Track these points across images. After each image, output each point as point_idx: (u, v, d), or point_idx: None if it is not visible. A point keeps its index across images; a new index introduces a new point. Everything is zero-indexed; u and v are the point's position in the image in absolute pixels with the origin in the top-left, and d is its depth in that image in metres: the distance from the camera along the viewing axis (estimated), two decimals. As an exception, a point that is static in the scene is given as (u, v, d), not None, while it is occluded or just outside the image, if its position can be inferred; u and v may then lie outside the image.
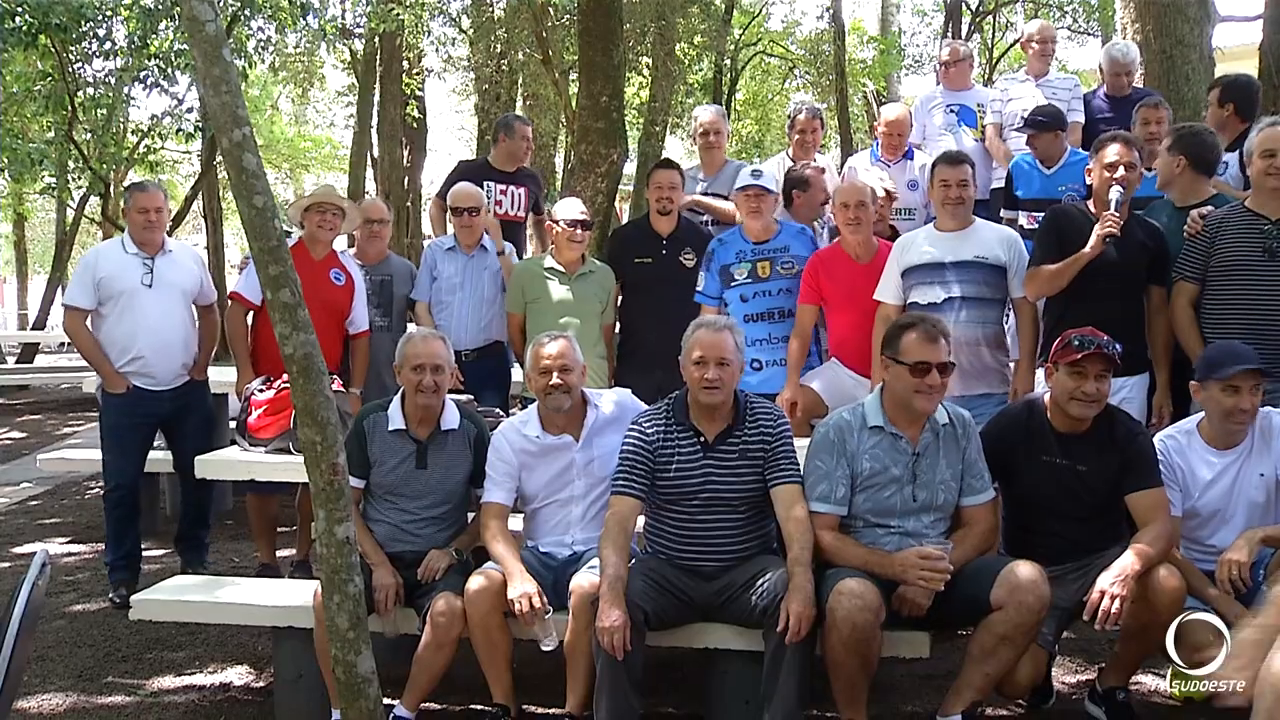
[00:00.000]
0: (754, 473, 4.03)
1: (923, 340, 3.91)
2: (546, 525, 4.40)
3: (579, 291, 5.91)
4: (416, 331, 4.77)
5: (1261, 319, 4.61)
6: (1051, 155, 6.27)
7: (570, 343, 4.37)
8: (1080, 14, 23.35)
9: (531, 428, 4.35)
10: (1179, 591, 3.74)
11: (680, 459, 4.04)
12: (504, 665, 4.09)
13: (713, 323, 4.18)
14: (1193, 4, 8.28)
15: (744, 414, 4.09)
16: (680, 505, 4.07)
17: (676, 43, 17.65)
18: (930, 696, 4.21)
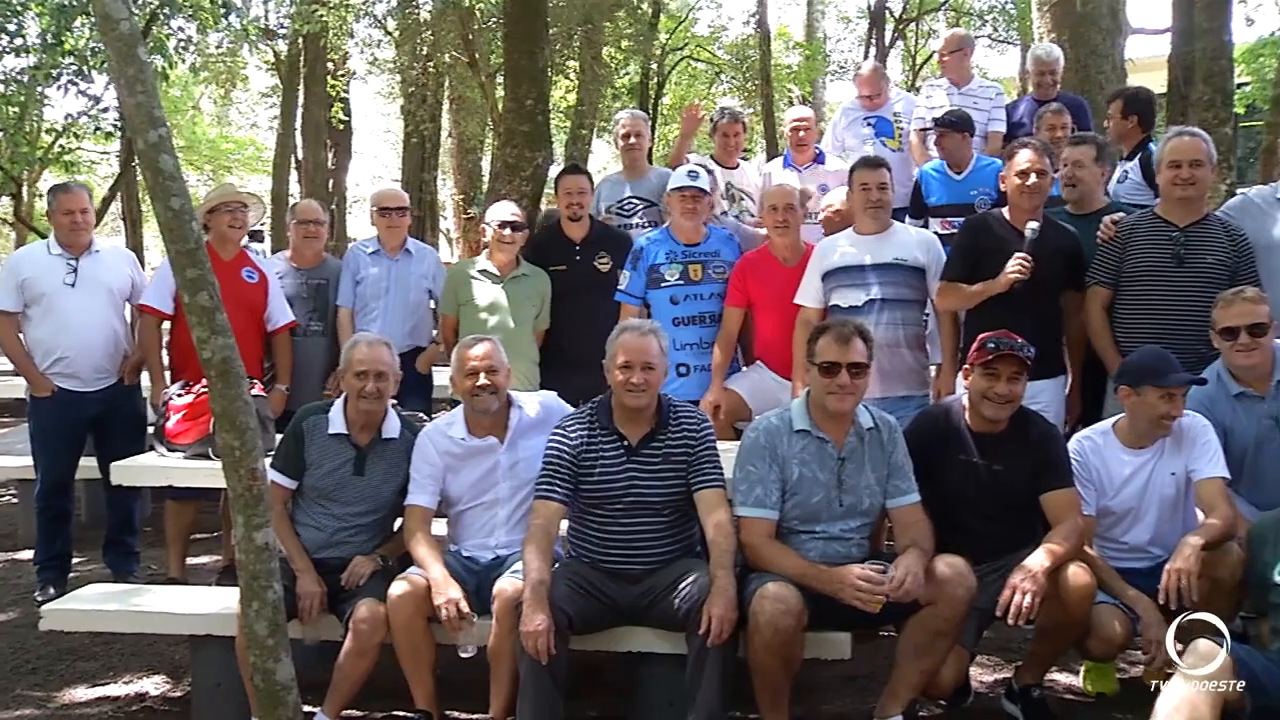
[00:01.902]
0: (677, 476, 4.04)
1: (833, 341, 3.96)
2: (471, 529, 4.38)
3: (512, 294, 5.87)
4: (362, 336, 4.71)
5: (1171, 324, 4.71)
6: (960, 158, 6.38)
7: (495, 345, 4.36)
8: (1000, 23, 23.75)
9: (457, 430, 4.33)
10: (1090, 588, 3.83)
11: (604, 463, 4.04)
12: (427, 671, 4.06)
13: (638, 326, 4.18)
14: (1105, 15, 8.51)
15: (667, 418, 4.10)
16: (604, 509, 4.07)
17: (603, 46, 17.67)
18: (853, 697, 4.25)
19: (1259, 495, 4.23)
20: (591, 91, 17.50)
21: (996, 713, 4.15)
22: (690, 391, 5.39)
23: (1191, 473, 4.15)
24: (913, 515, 4.00)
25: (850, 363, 3.93)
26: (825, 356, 3.95)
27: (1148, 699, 4.09)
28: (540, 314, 5.94)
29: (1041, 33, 8.90)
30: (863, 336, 4.00)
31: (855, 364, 3.94)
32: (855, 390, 3.96)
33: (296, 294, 6.15)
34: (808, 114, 7.06)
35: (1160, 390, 4.10)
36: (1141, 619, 3.93)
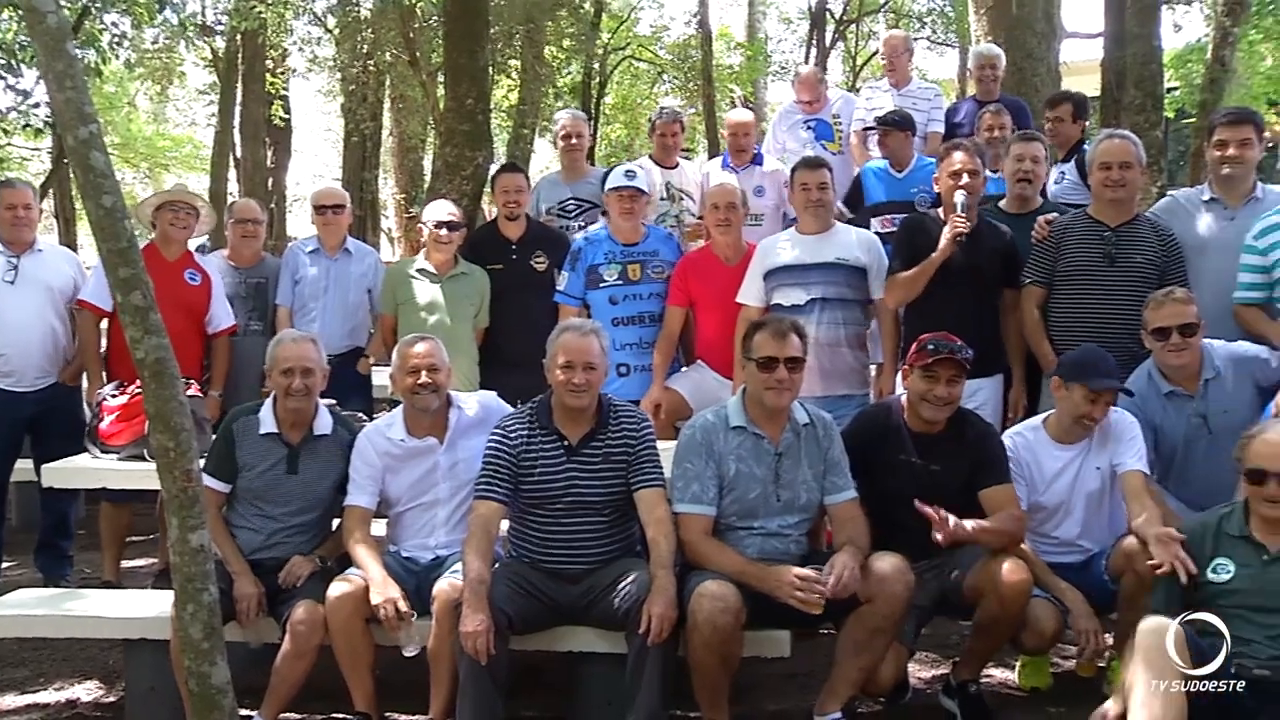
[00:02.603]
0: (617, 476, 4.05)
1: (769, 336, 3.98)
2: (410, 529, 4.36)
3: (450, 293, 5.85)
4: (286, 334, 4.67)
5: (1103, 323, 4.80)
6: (902, 157, 6.43)
7: (437, 343, 4.35)
8: (939, 25, 23.99)
9: (396, 430, 4.31)
10: (1026, 583, 3.88)
11: (544, 462, 4.04)
12: (366, 672, 4.04)
13: (579, 326, 4.18)
14: (1040, 19, 8.65)
15: (607, 417, 4.10)
16: (544, 508, 4.06)
17: (545, 46, 17.58)
18: (793, 695, 4.28)
19: (1187, 492, 4.32)
20: (533, 91, 17.43)
21: (934, 709, 4.19)
22: (631, 391, 5.40)
23: (1116, 466, 4.23)
24: (849, 511, 4.03)
25: (787, 358, 3.95)
26: (762, 351, 3.97)
27: (1080, 691, 4.22)
28: (479, 313, 5.93)
29: (979, 35, 9.04)
30: (798, 333, 4.03)
31: (792, 359, 3.96)
32: (792, 386, 3.98)
33: (235, 293, 6.09)
34: (746, 118, 7.09)
35: (1088, 391, 4.18)
36: (1071, 612, 4.01)
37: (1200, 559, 3.64)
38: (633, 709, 3.73)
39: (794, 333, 4.02)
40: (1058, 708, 4.20)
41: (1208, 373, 4.45)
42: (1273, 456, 3.54)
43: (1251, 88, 20.90)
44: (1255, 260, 4.71)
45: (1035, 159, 5.39)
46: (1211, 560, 3.64)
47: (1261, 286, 4.70)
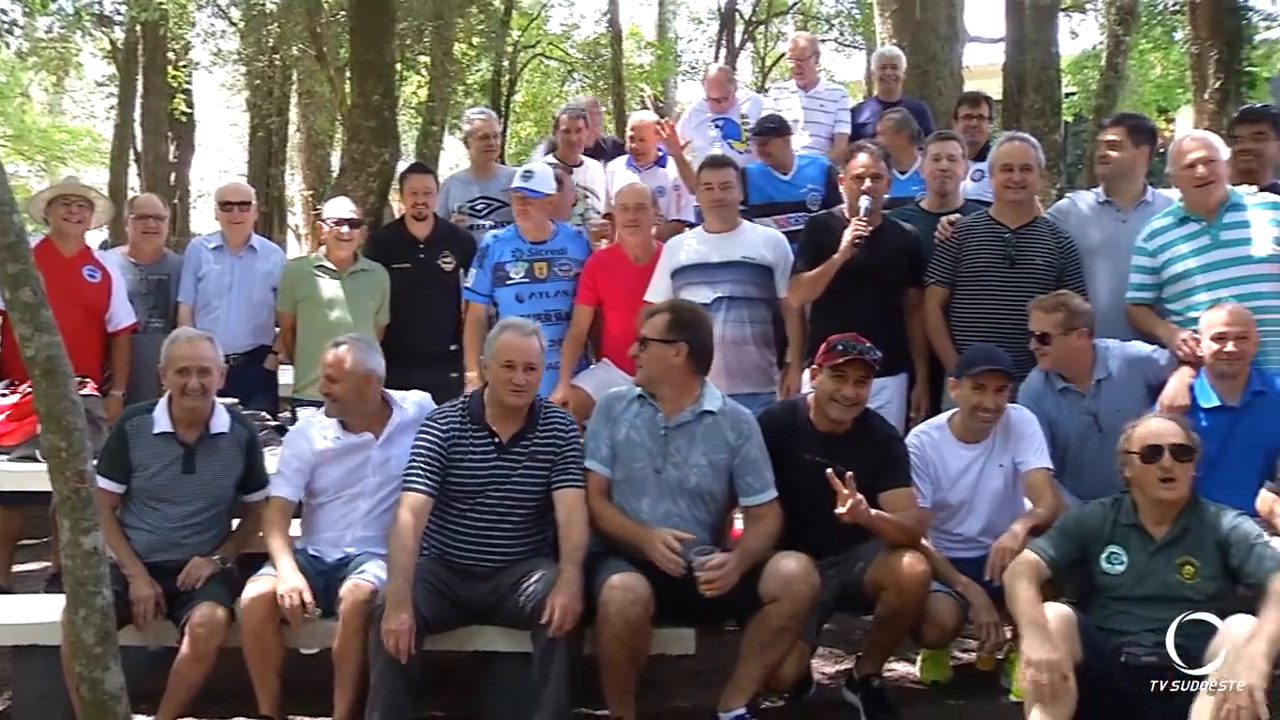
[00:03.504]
0: (541, 476, 4.06)
1: (645, 318, 4.16)
2: (326, 522, 4.32)
3: (350, 290, 5.81)
4: (181, 332, 4.59)
5: (1003, 322, 4.89)
6: (784, 161, 6.47)
7: (349, 349, 4.29)
8: (846, 27, 24.30)
9: (332, 427, 4.29)
10: (925, 577, 3.95)
11: (472, 457, 4.04)
12: (275, 675, 3.98)
13: (520, 326, 4.18)
14: (943, 23, 8.82)
15: (538, 418, 4.12)
16: (465, 503, 4.06)
17: (454, 43, 17.47)
18: (699, 692, 4.30)
19: (1081, 486, 4.42)
20: (443, 88, 17.29)
21: (838, 703, 4.23)
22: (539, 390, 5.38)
23: (1019, 464, 4.33)
24: (759, 513, 4.08)
25: (643, 338, 4.11)
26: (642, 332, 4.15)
27: (979, 683, 4.30)
28: (380, 310, 5.88)
29: (884, 38, 9.18)
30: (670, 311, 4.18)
31: (643, 338, 4.11)
32: (645, 364, 4.12)
33: (136, 290, 5.96)
34: (648, 120, 7.09)
35: (970, 381, 4.28)
36: (972, 606, 4.09)
37: (1097, 546, 3.76)
38: (539, 707, 3.72)
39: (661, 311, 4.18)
40: (957, 700, 4.27)
41: (1100, 373, 4.57)
42: (1163, 433, 3.68)
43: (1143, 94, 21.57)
44: (1145, 261, 4.83)
45: (952, 158, 5.50)
46: (1106, 547, 3.75)
47: (1151, 287, 4.82)
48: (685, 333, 4.09)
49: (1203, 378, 4.44)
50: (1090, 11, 20.02)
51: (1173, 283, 4.76)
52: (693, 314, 4.20)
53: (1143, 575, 3.67)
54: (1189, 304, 4.68)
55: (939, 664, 4.46)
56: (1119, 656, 3.57)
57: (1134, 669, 3.53)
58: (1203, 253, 4.69)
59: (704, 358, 4.15)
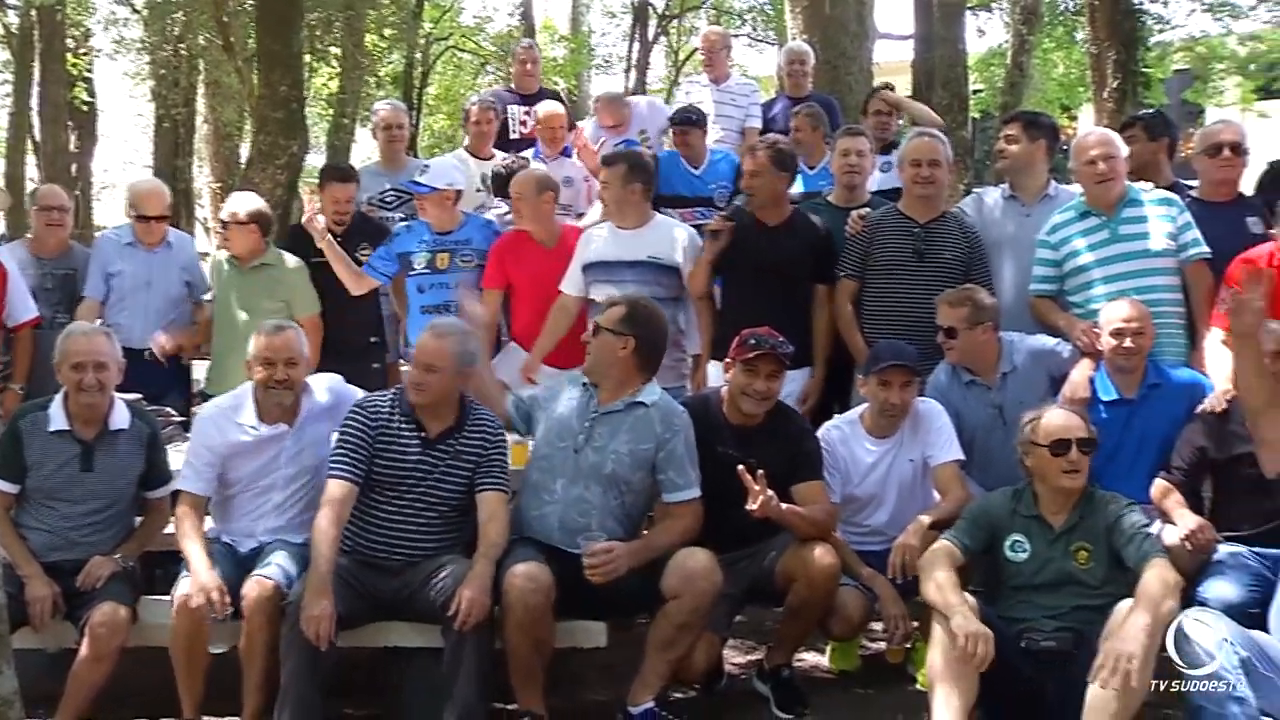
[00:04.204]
0: (464, 475, 4.05)
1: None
2: (238, 513, 4.26)
3: (249, 285, 5.75)
4: (76, 327, 4.47)
5: (912, 316, 4.95)
6: (699, 154, 6.50)
7: (293, 335, 4.23)
8: (759, 22, 24.44)
9: (247, 416, 4.20)
10: (835, 569, 4.00)
11: (398, 449, 4.01)
12: (201, 677, 3.90)
13: (434, 326, 4.18)
14: (853, 20, 8.90)
15: (467, 417, 4.10)
16: (385, 495, 4.02)
17: (365, 34, 17.25)
18: (612, 685, 4.29)
19: (987, 477, 4.48)
20: (354, 80, 17.08)
21: (749, 694, 4.26)
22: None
23: (928, 458, 4.39)
24: (676, 510, 4.10)
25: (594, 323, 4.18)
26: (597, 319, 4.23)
27: (886, 673, 4.36)
28: (295, 302, 5.78)
29: (794, 34, 9.25)
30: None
31: (597, 325, 4.16)
32: (591, 353, 4.16)
33: (40, 285, 5.77)
34: (557, 111, 7.08)
35: (876, 377, 4.34)
36: (880, 598, 4.15)
37: (1002, 534, 3.86)
38: (450, 703, 3.71)
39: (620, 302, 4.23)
40: (866, 689, 4.33)
41: (1005, 366, 4.65)
42: (1070, 427, 3.80)
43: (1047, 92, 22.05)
44: (1048, 255, 4.93)
45: (861, 153, 5.55)
46: (1010, 536, 3.85)
47: (1053, 279, 4.93)
48: (637, 328, 4.11)
49: (1102, 371, 4.54)
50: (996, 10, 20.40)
51: (1073, 275, 4.87)
52: (650, 313, 4.21)
53: (1043, 563, 3.79)
54: (1088, 296, 4.79)
55: (847, 654, 4.50)
56: (1020, 642, 3.66)
57: (1034, 654, 3.64)
58: (1101, 246, 4.81)
59: (651, 355, 4.17)
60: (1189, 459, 4.22)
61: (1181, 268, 4.77)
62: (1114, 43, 10.72)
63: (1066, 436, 3.77)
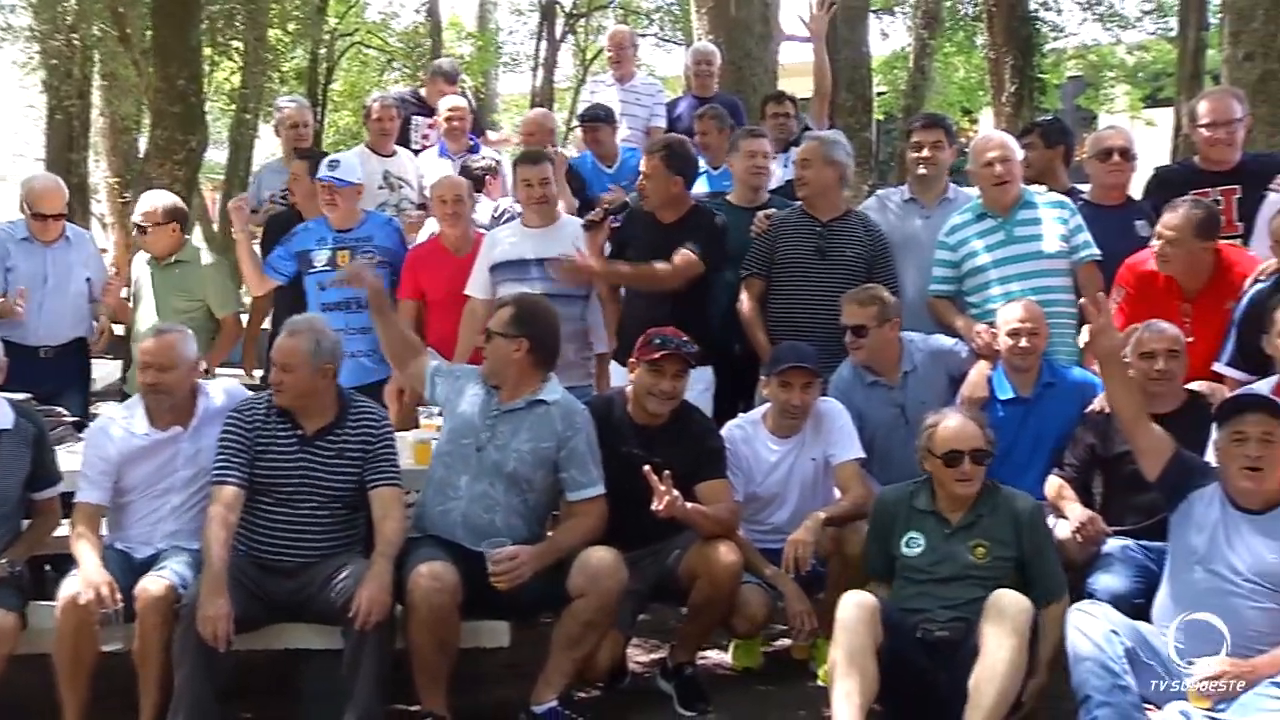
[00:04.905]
0: (351, 471, 4.01)
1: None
2: (135, 518, 4.16)
3: (166, 282, 5.69)
4: None
5: (814, 314, 5.02)
6: (610, 151, 6.52)
7: (173, 339, 4.15)
8: (666, 22, 24.54)
9: (138, 424, 4.12)
10: (737, 567, 4.03)
11: (276, 449, 3.96)
12: (86, 682, 3.80)
13: (289, 324, 4.12)
14: (758, 21, 9.00)
15: (346, 412, 4.05)
16: (270, 496, 3.97)
17: (268, 28, 16.96)
18: (516, 684, 4.26)
19: (888, 475, 4.53)
20: (256, 75, 16.80)
21: (652, 692, 4.27)
22: (341, 378, 5.27)
23: (830, 457, 4.44)
24: (579, 509, 4.09)
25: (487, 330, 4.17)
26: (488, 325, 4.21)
27: (789, 670, 4.40)
28: (212, 300, 5.73)
29: (700, 34, 9.33)
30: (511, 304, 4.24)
31: (488, 330, 4.14)
32: (490, 355, 4.15)
33: None
34: (461, 103, 7.04)
35: (777, 379, 4.39)
36: (784, 596, 4.19)
37: (895, 531, 3.95)
38: (350, 704, 3.68)
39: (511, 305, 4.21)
40: (768, 686, 4.36)
41: (906, 365, 4.73)
42: (964, 438, 3.86)
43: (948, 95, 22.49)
44: (946, 255, 5.04)
45: (765, 154, 5.59)
46: (905, 533, 3.94)
47: (951, 280, 5.03)
48: (527, 328, 4.09)
49: (999, 370, 4.64)
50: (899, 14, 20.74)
51: (971, 276, 4.98)
52: (537, 309, 4.20)
53: (939, 557, 3.86)
54: (986, 296, 4.91)
55: (750, 652, 4.53)
56: (916, 632, 3.74)
57: (929, 644, 3.71)
58: (998, 248, 4.93)
59: (546, 353, 4.15)
60: (1080, 456, 4.34)
61: (1074, 269, 4.90)
62: (1011, 48, 11.00)
63: (959, 448, 3.85)
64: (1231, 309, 4.40)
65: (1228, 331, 4.37)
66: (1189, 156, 5.53)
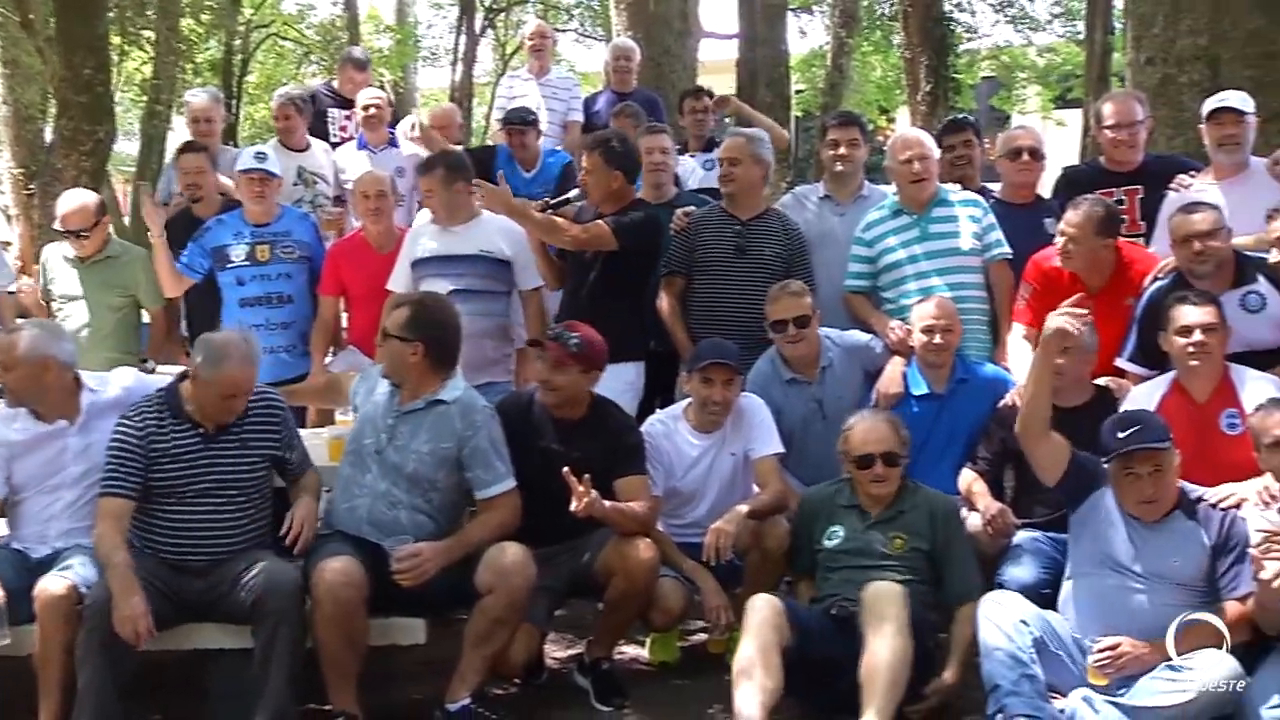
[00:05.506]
0: (257, 463, 3.99)
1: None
2: (28, 517, 4.07)
3: (89, 279, 5.57)
4: None
5: (734, 312, 5.03)
6: (532, 155, 6.49)
7: (13, 339, 4.05)
8: (586, 18, 24.52)
9: (21, 420, 4.03)
10: (654, 563, 4.04)
11: (176, 451, 3.89)
12: None
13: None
14: (676, 18, 9.05)
15: (247, 404, 4.01)
16: (175, 497, 3.90)
17: (181, 18, 16.66)
18: (433, 681, 4.23)
19: (804, 471, 4.60)
20: (168, 65, 16.47)
21: (569, 687, 4.27)
22: (260, 375, 5.20)
23: (749, 452, 4.47)
24: (489, 505, 4.06)
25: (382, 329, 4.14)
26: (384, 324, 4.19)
27: (705, 664, 4.42)
28: (142, 294, 5.64)
29: (619, 30, 9.36)
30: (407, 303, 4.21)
31: (384, 330, 4.11)
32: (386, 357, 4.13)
33: None
34: (379, 96, 6.98)
35: (698, 375, 4.42)
36: (702, 590, 4.21)
37: (818, 526, 4.08)
38: (260, 705, 3.64)
39: (407, 304, 4.18)
40: (685, 681, 4.37)
41: (823, 361, 4.78)
42: (873, 441, 4.02)
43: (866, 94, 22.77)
44: (862, 251, 5.09)
45: (664, 150, 5.61)
46: (827, 527, 4.06)
47: (867, 276, 5.09)
48: (423, 331, 4.05)
49: (914, 366, 4.71)
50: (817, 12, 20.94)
51: (887, 272, 5.04)
52: (435, 311, 4.16)
53: (858, 547, 4.00)
54: (901, 292, 4.97)
55: (667, 646, 4.53)
56: (832, 610, 3.84)
57: (841, 620, 3.79)
58: (913, 244, 5.00)
59: (444, 355, 4.11)
60: (992, 450, 4.42)
61: (986, 266, 4.99)
62: (926, 49, 11.17)
63: (870, 452, 4.01)
64: (1132, 305, 4.50)
65: (1129, 327, 4.47)
66: (1097, 157, 5.65)
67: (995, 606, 3.62)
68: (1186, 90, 6.12)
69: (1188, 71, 6.20)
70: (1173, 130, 6.09)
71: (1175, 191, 4.83)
